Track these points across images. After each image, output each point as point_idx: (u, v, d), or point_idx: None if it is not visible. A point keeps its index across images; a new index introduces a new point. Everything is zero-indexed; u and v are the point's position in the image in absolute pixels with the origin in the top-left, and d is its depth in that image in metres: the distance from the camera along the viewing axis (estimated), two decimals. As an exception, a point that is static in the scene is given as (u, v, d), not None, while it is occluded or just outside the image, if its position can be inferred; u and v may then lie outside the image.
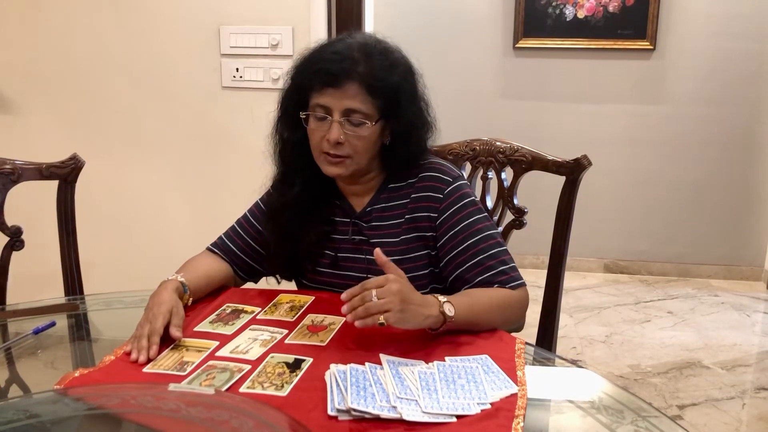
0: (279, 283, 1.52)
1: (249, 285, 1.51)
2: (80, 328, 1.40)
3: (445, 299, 1.17)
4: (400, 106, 1.31)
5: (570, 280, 3.73)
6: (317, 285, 1.44)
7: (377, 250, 1.15)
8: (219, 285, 1.41)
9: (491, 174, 1.72)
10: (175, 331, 1.16)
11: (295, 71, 1.35)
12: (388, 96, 1.29)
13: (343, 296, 1.10)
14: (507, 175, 1.70)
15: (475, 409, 0.96)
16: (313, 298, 1.37)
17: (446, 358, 1.10)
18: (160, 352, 1.13)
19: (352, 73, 1.26)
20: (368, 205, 1.40)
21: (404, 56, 1.35)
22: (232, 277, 1.46)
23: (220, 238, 1.48)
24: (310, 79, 1.30)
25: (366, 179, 1.40)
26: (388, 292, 1.09)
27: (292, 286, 1.51)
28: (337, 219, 1.42)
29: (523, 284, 1.32)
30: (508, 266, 1.32)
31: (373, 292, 1.08)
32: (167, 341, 1.16)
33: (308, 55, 1.34)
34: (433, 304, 1.15)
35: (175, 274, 1.32)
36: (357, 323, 1.08)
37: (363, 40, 1.32)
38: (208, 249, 1.47)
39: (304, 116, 1.32)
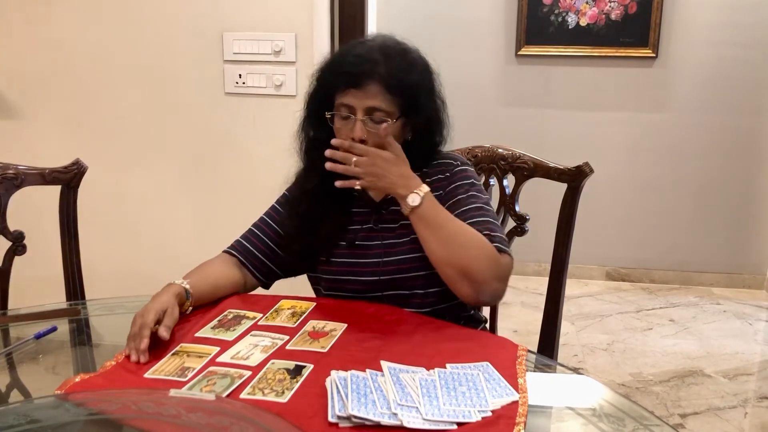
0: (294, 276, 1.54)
1: (257, 291, 1.51)
2: (81, 333, 1.41)
3: (427, 191, 1.31)
4: (419, 103, 1.38)
5: (571, 287, 3.73)
6: (331, 275, 1.44)
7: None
8: (225, 294, 1.41)
9: (493, 181, 1.72)
10: (162, 331, 1.17)
11: (320, 73, 1.42)
12: (407, 94, 1.36)
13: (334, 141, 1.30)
14: (509, 182, 1.70)
15: (475, 417, 0.96)
16: (315, 304, 1.37)
17: (447, 365, 1.10)
18: (161, 357, 1.14)
19: (373, 74, 1.33)
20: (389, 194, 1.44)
21: (422, 56, 1.43)
22: (241, 286, 1.46)
23: (237, 240, 1.50)
24: (334, 80, 1.37)
25: None
26: (369, 163, 1.29)
27: (303, 287, 1.51)
28: (355, 210, 1.46)
29: (507, 252, 1.32)
30: (494, 233, 1.33)
31: (354, 158, 1.28)
32: (168, 346, 1.17)
33: (332, 59, 1.42)
34: (406, 187, 1.30)
35: (182, 279, 1.32)
36: (337, 183, 1.31)
37: (383, 42, 1.40)
38: (225, 252, 1.48)
39: (329, 116, 1.38)
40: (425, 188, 1.31)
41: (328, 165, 1.30)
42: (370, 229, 1.43)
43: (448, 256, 1.29)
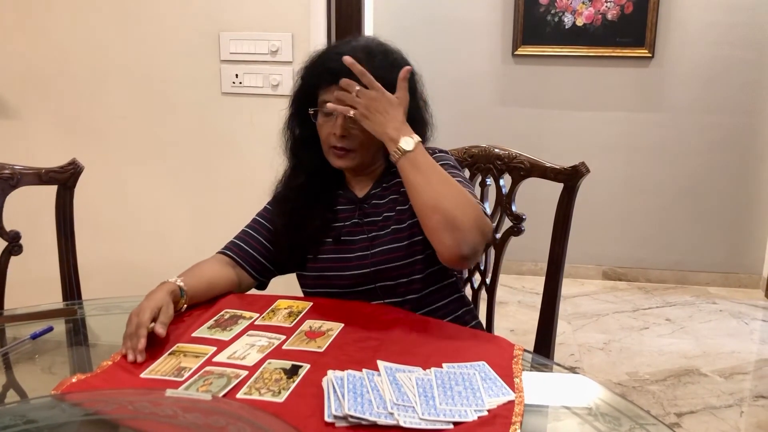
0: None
1: (253, 291, 1.51)
2: (78, 333, 1.40)
3: (418, 141, 1.29)
4: None
5: (568, 287, 3.73)
6: (318, 272, 1.45)
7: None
8: (220, 293, 1.41)
9: (489, 181, 1.72)
10: (159, 327, 1.17)
11: (304, 71, 1.45)
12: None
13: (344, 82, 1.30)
14: (505, 181, 1.71)
15: (472, 416, 0.96)
16: (311, 304, 1.38)
17: (443, 365, 1.10)
18: (157, 357, 1.14)
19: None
20: (371, 189, 1.48)
21: (404, 57, 1.44)
22: (236, 285, 1.46)
23: (231, 241, 1.50)
24: (317, 78, 1.40)
25: (370, 169, 1.47)
26: (369, 97, 1.28)
27: (295, 287, 1.51)
28: (340, 207, 1.48)
29: (487, 215, 1.33)
30: (476, 198, 1.35)
31: (356, 87, 1.28)
32: (165, 346, 1.17)
33: (316, 56, 1.44)
34: (398, 130, 1.28)
35: (176, 277, 1.33)
36: (329, 105, 1.32)
37: (365, 43, 1.42)
38: (220, 252, 1.49)
39: (312, 112, 1.41)
40: (417, 137, 1.29)
41: (335, 95, 1.31)
42: (355, 223, 1.45)
43: (437, 202, 1.24)
